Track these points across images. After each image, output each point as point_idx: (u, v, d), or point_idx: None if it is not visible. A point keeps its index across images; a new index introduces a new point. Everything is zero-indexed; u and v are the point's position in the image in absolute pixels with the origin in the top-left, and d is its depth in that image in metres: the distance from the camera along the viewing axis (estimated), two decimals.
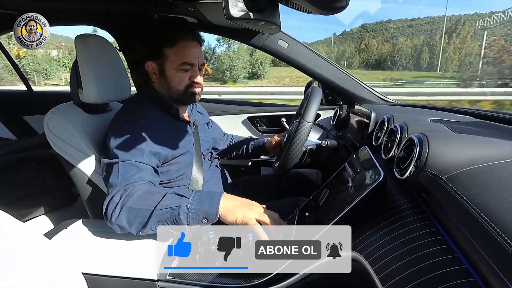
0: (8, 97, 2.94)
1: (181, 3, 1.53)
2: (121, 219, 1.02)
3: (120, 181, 1.09)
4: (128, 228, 1.03)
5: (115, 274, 0.98)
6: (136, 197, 1.03)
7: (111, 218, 1.03)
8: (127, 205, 1.02)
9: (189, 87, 1.32)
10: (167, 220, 1.00)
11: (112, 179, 1.11)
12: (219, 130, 1.87)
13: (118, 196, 1.04)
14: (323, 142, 1.53)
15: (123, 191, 1.05)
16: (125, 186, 1.07)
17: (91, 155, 1.30)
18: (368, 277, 0.65)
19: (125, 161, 1.13)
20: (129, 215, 1.02)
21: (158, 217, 1.00)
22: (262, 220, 0.98)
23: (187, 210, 0.99)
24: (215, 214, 1.00)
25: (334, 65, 2.02)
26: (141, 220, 1.01)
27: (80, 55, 1.28)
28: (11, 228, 0.80)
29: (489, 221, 0.48)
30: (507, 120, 1.18)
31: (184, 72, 1.30)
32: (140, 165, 1.14)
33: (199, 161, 1.41)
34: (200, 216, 1.00)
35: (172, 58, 1.27)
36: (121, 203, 1.03)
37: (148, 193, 1.05)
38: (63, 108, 1.33)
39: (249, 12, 0.86)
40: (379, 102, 2.05)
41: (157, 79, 1.33)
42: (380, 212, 0.79)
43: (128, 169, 1.11)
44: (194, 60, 1.30)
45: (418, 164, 0.75)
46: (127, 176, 1.10)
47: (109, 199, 1.06)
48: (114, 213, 1.02)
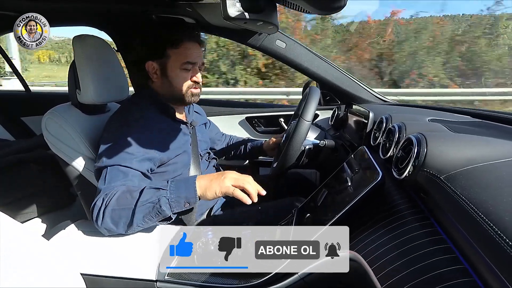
0: (6, 98, 2.93)
1: (179, 4, 1.53)
2: (107, 221, 1.04)
3: (105, 187, 1.11)
4: (115, 229, 1.06)
5: (114, 274, 0.98)
6: (116, 199, 1.05)
7: (97, 222, 1.05)
8: (109, 208, 1.04)
9: (191, 87, 1.33)
10: (151, 214, 1.03)
11: (99, 185, 1.14)
12: (217, 131, 1.87)
13: (100, 201, 1.06)
14: (321, 142, 1.53)
15: (104, 195, 1.07)
16: (106, 190, 1.09)
17: (89, 156, 1.30)
18: (366, 276, 0.65)
19: (113, 166, 1.14)
20: (113, 216, 1.04)
21: (141, 213, 1.03)
22: (238, 184, 1.05)
23: (167, 200, 1.02)
24: (194, 197, 1.04)
25: (332, 65, 2.02)
26: (126, 220, 1.04)
27: (78, 56, 1.27)
28: (10, 229, 0.79)
29: (487, 221, 0.48)
30: (505, 120, 1.18)
31: (186, 71, 1.30)
32: (128, 170, 1.14)
33: (197, 162, 1.40)
34: (181, 202, 1.04)
35: (175, 58, 1.28)
36: (103, 207, 1.05)
37: (127, 192, 1.07)
38: (61, 109, 1.33)
39: (246, 12, 0.86)
40: (377, 102, 2.05)
41: (159, 79, 1.32)
42: (379, 212, 0.79)
43: (114, 175, 1.13)
44: (196, 60, 1.31)
45: (416, 164, 0.75)
46: (113, 181, 1.12)
47: (93, 204, 1.08)
48: (99, 218, 1.05)
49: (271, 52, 1.97)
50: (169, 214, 1.03)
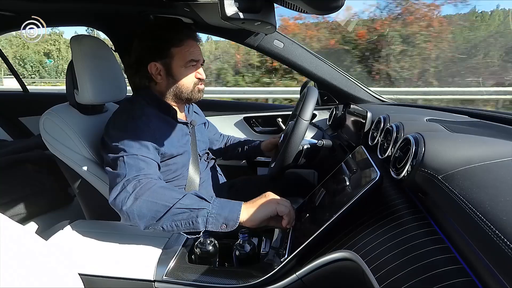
0: (4, 98, 2.93)
1: (176, 4, 1.53)
2: (133, 209, 1.00)
3: (129, 172, 1.07)
4: (137, 220, 1.01)
5: (112, 274, 0.98)
6: (152, 191, 1.02)
7: (122, 206, 1.01)
8: (142, 198, 1.01)
9: (197, 83, 1.35)
10: (182, 220, 0.99)
11: (120, 171, 1.09)
12: (215, 131, 1.87)
13: (131, 187, 1.03)
14: (319, 142, 1.54)
15: (136, 182, 1.04)
16: (137, 177, 1.06)
17: (87, 156, 1.30)
18: (365, 276, 0.65)
19: (132, 155, 1.12)
20: (141, 208, 1.00)
21: (173, 216, 0.99)
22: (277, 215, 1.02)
23: (207, 214, 0.99)
24: (235, 220, 0.99)
25: (329, 65, 2.02)
26: (155, 215, 0.99)
27: (75, 56, 1.27)
28: (8, 229, 0.79)
29: (485, 221, 0.48)
30: (503, 119, 1.18)
31: (191, 69, 1.32)
32: (147, 159, 1.14)
33: (196, 162, 1.41)
34: (219, 221, 0.99)
35: (179, 57, 1.29)
36: (135, 194, 1.01)
37: (165, 188, 1.05)
38: (59, 109, 1.33)
39: (244, 12, 0.86)
40: (375, 102, 2.06)
41: (163, 79, 1.33)
42: (377, 212, 0.79)
43: (136, 162, 1.10)
44: (199, 57, 1.33)
45: (414, 163, 0.75)
46: (136, 168, 1.09)
47: (119, 188, 1.04)
48: (126, 203, 1.01)
49: (269, 52, 1.98)
50: (201, 229, 0.99)
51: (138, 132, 1.18)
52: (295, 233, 0.98)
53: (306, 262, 0.82)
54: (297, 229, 1.00)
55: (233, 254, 1.00)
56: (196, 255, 1.00)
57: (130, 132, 1.18)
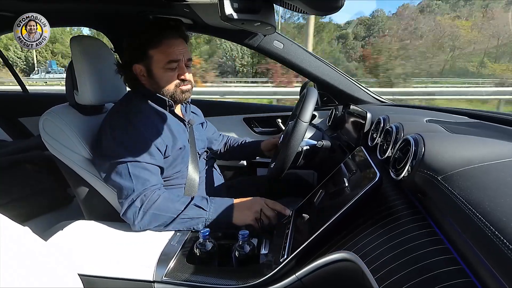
0: (4, 99, 2.92)
1: (176, 4, 1.53)
2: (145, 223, 1.15)
3: (136, 185, 1.17)
4: (149, 227, 1.16)
5: (111, 275, 0.98)
6: (158, 204, 1.15)
7: (134, 221, 1.14)
8: (150, 211, 1.14)
9: (178, 85, 1.33)
10: (185, 226, 1.16)
11: (124, 182, 1.17)
12: (214, 131, 1.87)
13: (139, 202, 1.15)
14: (319, 142, 1.53)
15: (143, 197, 1.16)
16: (144, 191, 1.17)
17: (87, 157, 1.30)
18: (364, 277, 0.65)
19: (136, 163, 1.18)
20: (151, 220, 1.15)
21: (178, 224, 1.16)
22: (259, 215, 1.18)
23: (205, 221, 1.16)
24: (229, 223, 1.17)
25: (329, 66, 2.02)
26: (162, 222, 1.15)
27: (75, 57, 1.27)
28: (8, 229, 0.79)
29: (485, 221, 0.48)
30: (502, 120, 1.18)
31: (172, 70, 1.30)
32: (150, 167, 1.20)
33: (195, 160, 1.41)
34: (216, 224, 1.16)
35: (157, 58, 1.27)
36: (143, 209, 1.14)
37: (169, 200, 1.18)
38: (58, 109, 1.33)
39: (244, 13, 0.86)
40: (375, 103, 2.06)
41: (147, 81, 1.33)
42: (376, 213, 0.79)
43: (139, 172, 1.18)
44: (179, 57, 1.29)
45: (414, 164, 0.75)
46: (141, 180, 1.17)
47: (129, 203, 1.16)
48: (137, 218, 1.14)
49: (268, 52, 1.98)
50: (201, 230, 1.06)
51: (138, 133, 1.19)
52: (294, 234, 0.98)
53: (305, 262, 0.82)
54: (296, 230, 1.00)
55: (233, 255, 1.00)
56: (196, 256, 1.00)
57: (130, 134, 1.18)
